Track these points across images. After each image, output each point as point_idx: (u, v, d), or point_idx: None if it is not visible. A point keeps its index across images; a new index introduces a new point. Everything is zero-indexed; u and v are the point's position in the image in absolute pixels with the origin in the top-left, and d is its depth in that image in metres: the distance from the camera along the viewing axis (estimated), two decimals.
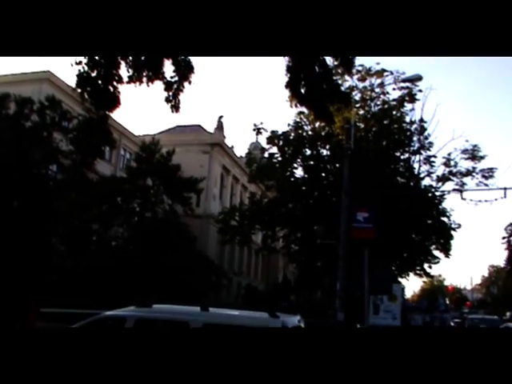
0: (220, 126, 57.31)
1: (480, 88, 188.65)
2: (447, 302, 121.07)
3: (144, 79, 11.13)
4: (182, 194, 38.40)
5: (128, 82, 11.12)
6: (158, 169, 37.32)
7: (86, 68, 10.58)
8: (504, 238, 76.02)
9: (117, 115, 54.20)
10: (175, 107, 11.56)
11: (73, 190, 31.95)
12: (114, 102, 11.12)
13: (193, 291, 30.86)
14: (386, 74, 35.11)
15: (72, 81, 11.10)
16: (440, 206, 42.28)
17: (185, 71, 11.54)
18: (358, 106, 36.36)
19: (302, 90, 10.99)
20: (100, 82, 10.85)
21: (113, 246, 35.95)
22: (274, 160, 40.47)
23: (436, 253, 46.17)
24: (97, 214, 33.67)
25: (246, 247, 54.39)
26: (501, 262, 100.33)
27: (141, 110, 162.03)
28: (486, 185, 38.44)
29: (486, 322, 38.16)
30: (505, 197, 31.12)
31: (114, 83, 11.02)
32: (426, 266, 48.04)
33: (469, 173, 39.22)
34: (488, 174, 38.84)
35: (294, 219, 39.04)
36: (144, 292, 31.15)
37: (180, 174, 38.99)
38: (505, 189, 30.89)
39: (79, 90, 10.95)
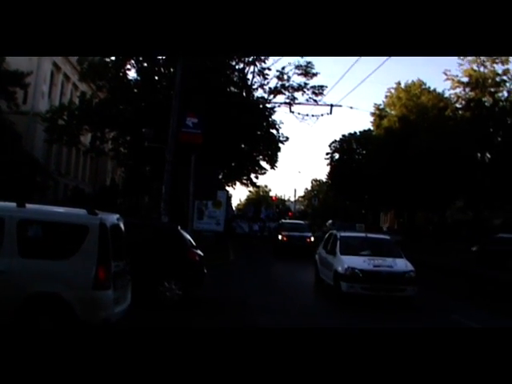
0: None
1: None
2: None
3: None
4: (6, 88, 36.32)
5: None
6: None
7: None
8: (328, 153, 79.77)
9: None
10: None
11: None
12: None
13: (16, 191, 29.74)
14: None
15: None
16: (270, 118, 43.51)
17: None
18: None
19: None
20: None
21: None
22: (107, 59, 39.32)
23: (263, 164, 47.93)
24: None
25: (74, 148, 52.75)
26: (323, 176, 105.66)
27: None
28: (316, 101, 40.06)
29: (294, 225, 41.80)
30: (330, 113, 32.64)
31: None
32: (252, 176, 49.83)
33: (300, 88, 40.57)
34: (318, 91, 40.51)
35: (124, 121, 38.45)
36: None
37: (5, 66, 36.79)
38: (331, 105, 32.33)
39: None
